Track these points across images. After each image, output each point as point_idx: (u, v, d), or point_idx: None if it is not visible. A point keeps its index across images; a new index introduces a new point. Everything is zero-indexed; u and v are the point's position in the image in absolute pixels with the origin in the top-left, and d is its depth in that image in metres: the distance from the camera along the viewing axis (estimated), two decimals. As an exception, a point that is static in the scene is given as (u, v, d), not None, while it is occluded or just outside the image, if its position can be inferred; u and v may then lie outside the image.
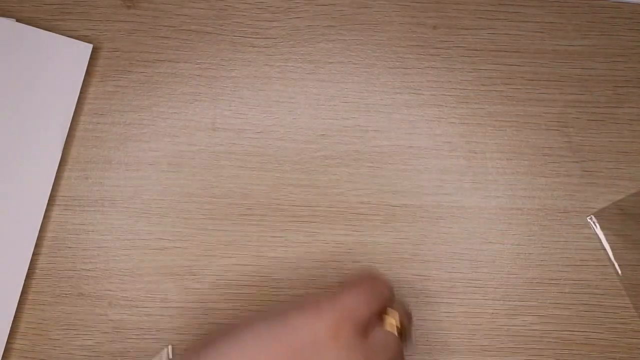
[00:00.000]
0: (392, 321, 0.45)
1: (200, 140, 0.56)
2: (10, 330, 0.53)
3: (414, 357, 0.54)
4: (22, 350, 0.54)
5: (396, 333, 0.45)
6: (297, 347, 0.41)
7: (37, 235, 0.54)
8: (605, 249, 0.55)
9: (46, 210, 0.55)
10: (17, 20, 0.57)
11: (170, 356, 0.51)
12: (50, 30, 0.57)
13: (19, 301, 0.54)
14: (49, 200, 0.55)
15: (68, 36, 0.57)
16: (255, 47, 0.57)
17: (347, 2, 0.58)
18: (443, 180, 0.56)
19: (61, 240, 0.55)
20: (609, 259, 0.55)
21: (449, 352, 0.54)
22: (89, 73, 0.57)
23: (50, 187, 0.55)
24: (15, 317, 0.53)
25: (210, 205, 0.55)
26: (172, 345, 0.54)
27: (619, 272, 0.54)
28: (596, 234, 0.55)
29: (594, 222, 0.55)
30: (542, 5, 0.58)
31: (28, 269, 0.54)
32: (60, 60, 0.56)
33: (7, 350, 0.53)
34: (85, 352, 0.54)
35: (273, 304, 0.54)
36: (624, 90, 0.57)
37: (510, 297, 0.54)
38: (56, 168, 0.55)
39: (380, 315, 0.45)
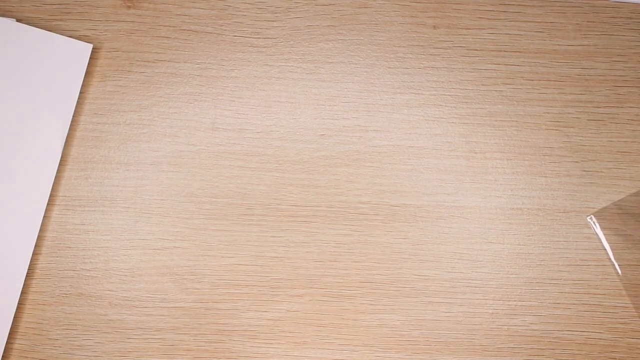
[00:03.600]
0: None
1: (200, 140, 0.56)
2: (10, 330, 0.53)
3: (415, 357, 0.54)
4: (22, 350, 0.54)
5: None
6: None
7: (37, 235, 0.54)
8: (605, 249, 0.55)
9: (46, 210, 0.55)
10: (17, 20, 0.57)
11: None
12: (50, 30, 0.57)
13: (19, 301, 0.54)
14: (49, 200, 0.55)
15: (68, 36, 0.57)
16: (255, 47, 0.57)
17: (347, 2, 0.58)
18: (443, 180, 0.56)
19: (61, 240, 0.55)
20: (609, 259, 0.55)
21: (449, 352, 0.54)
22: (89, 73, 0.57)
23: (50, 187, 0.55)
24: (15, 317, 0.53)
25: (210, 205, 0.55)
26: (172, 345, 0.54)
27: (619, 272, 0.54)
28: (596, 234, 0.55)
29: (594, 222, 0.55)
30: (542, 5, 0.58)
31: (28, 269, 0.54)
32: (60, 60, 0.56)
33: (7, 350, 0.53)
34: (85, 352, 0.54)
35: (273, 304, 0.54)
36: (624, 90, 0.57)
37: (510, 297, 0.54)
38: (56, 168, 0.55)
39: None
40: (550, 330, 0.54)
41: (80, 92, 0.56)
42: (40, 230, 0.55)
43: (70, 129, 0.56)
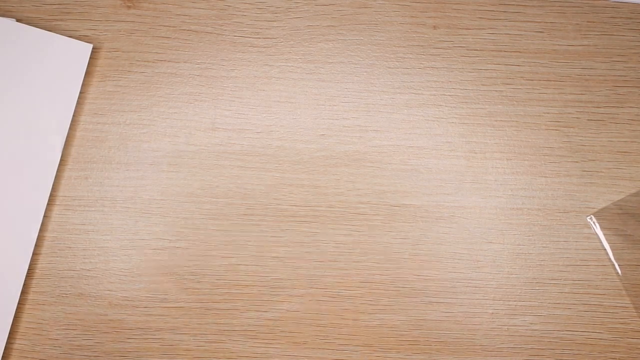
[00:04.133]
0: None
1: (200, 140, 0.56)
2: (10, 330, 0.53)
3: (415, 357, 0.54)
4: (22, 350, 0.54)
5: None
6: None
7: (37, 235, 0.54)
8: (605, 249, 0.55)
9: (46, 210, 0.55)
10: (17, 20, 0.57)
11: None
12: (50, 30, 0.57)
13: (19, 301, 0.54)
14: (49, 200, 0.55)
15: (68, 36, 0.57)
16: (255, 47, 0.57)
17: (347, 2, 0.58)
18: (443, 180, 0.56)
19: (61, 240, 0.55)
20: (609, 259, 0.55)
21: (449, 352, 0.54)
22: (89, 73, 0.57)
23: (50, 187, 0.55)
24: (15, 317, 0.53)
25: (210, 205, 0.55)
26: (172, 345, 0.54)
27: (619, 272, 0.54)
28: (596, 234, 0.55)
29: (594, 222, 0.55)
30: (542, 5, 0.58)
31: (28, 269, 0.54)
32: (60, 60, 0.56)
33: (7, 350, 0.53)
34: (85, 352, 0.54)
35: (273, 304, 0.54)
36: (624, 90, 0.57)
37: (510, 297, 0.54)
38: (56, 168, 0.55)
39: None
40: (550, 330, 0.54)
41: (80, 92, 0.56)
42: (40, 230, 0.54)
43: (70, 129, 0.56)
